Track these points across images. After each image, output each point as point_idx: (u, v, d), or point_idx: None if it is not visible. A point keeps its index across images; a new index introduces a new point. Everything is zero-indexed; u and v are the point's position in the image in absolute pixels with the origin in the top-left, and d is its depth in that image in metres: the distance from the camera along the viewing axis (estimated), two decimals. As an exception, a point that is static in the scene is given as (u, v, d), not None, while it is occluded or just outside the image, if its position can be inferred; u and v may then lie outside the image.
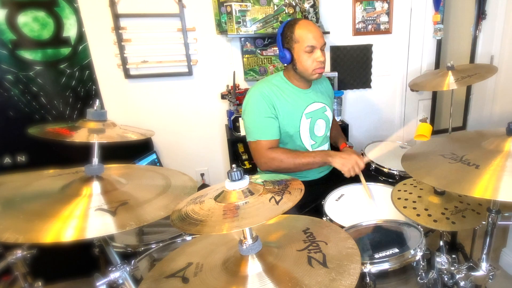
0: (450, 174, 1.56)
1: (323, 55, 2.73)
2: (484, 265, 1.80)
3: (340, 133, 3.53)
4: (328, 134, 3.16)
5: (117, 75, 3.98)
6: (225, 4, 3.91)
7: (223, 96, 4.21)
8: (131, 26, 3.87)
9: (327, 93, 3.17)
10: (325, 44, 2.76)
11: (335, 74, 4.65)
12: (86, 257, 2.48)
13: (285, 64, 2.86)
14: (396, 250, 1.86)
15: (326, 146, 3.13)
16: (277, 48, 3.18)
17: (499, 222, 1.73)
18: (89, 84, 3.86)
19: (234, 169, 1.39)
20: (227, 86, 4.31)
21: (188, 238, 2.25)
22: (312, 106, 2.93)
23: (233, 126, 4.10)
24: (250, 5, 3.99)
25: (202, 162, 4.62)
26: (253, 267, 1.38)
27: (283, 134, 2.84)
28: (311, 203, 2.63)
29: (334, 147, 3.29)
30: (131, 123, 2.31)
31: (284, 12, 4.16)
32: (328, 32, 4.43)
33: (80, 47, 3.73)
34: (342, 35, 4.70)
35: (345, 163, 2.69)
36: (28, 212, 1.40)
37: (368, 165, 3.06)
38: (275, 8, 4.15)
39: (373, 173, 3.06)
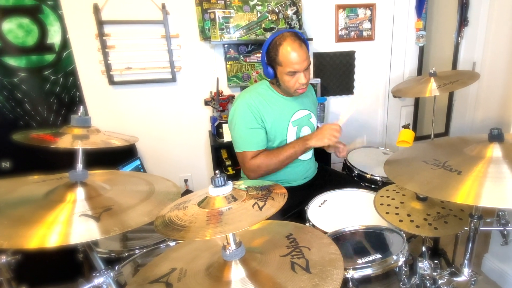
0: (432, 180, 1.58)
1: (305, 77, 2.73)
2: (466, 271, 1.83)
3: None
4: None
5: (101, 81, 3.98)
6: (208, 11, 3.92)
7: (206, 103, 4.22)
8: (115, 33, 3.88)
9: (311, 100, 3.19)
10: (309, 64, 2.75)
11: (318, 80, 4.66)
12: (70, 262, 2.47)
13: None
14: (379, 255, 1.88)
15: (310, 153, 3.15)
16: (260, 55, 3.18)
17: (481, 228, 1.76)
18: (73, 90, 3.85)
19: (218, 175, 1.39)
20: (211, 92, 4.32)
21: (172, 243, 2.25)
22: (298, 114, 2.95)
23: (216, 132, 4.09)
24: (233, 12, 4.00)
25: (185, 168, 4.62)
26: (237, 272, 1.39)
27: (270, 143, 2.87)
28: (294, 208, 2.64)
29: (319, 151, 3.30)
30: (115, 129, 2.32)
31: (267, 19, 4.17)
32: (311, 39, 4.44)
33: (64, 54, 3.73)
34: (325, 41, 4.72)
35: (322, 136, 2.74)
36: (13, 218, 1.40)
37: (351, 170, 3.09)
38: (259, 15, 4.16)
39: (355, 179, 3.08)
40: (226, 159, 4.13)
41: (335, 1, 4.57)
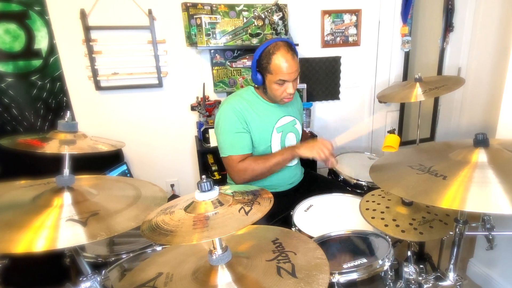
0: (418, 185, 1.58)
1: (293, 87, 2.75)
2: (451, 275, 1.84)
3: None
4: None
5: (88, 86, 3.98)
6: (195, 16, 3.93)
7: (193, 108, 4.22)
8: (102, 38, 3.88)
9: (296, 106, 3.19)
10: (298, 74, 2.77)
11: (304, 86, 4.69)
12: (57, 267, 2.46)
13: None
14: (364, 260, 1.87)
15: (296, 159, 3.15)
16: (246, 60, 3.17)
17: (466, 233, 1.76)
18: (60, 95, 3.85)
19: (204, 180, 1.39)
20: (197, 97, 4.33)
21: (158, 248, 2.24)
22: (282, 120, 2.95)
23: (203, 137, 4.09)
24: (219, 17, 4.02)
25: (172, 173, 4.63)
26: (223, 277, 1.39)
27: (255, 149, 2.87)
28: (280, 213, 2.64)
29: (303, 159, 3.31)
30: (102, 134, 2.32)
31: (253, 25, 4.19)
32: (297, 44, 4.36)
33: (51, 59, 3.72)
34: (311, 47, 4.75)
35: (311, 149, 2.74)
36: (0, 222, 1.40)
37: (336, 175, 3.10)
38: (245, 20, 4.18)
39: (341, 184, 3.08)
40: (212, 164, 4.14)
41: (321, 6, 4.61)
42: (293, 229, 2.33)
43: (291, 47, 2.70)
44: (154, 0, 3.96)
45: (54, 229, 1.38)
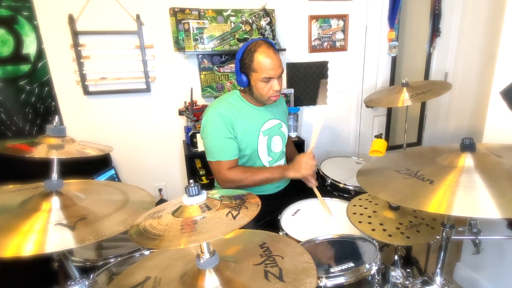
0: (404, 189, 1.58)
1: (279, 84, 2.76)
2: (438, 279, 1.85)
3: (294, 150, 3.58)
4: (284, 150, 3.22)
5: (76, 91, 3.98)
6: (182, 21, 3.94)
7: (180, 113, 4.23)
8: (90, 43, 3.89)
9: (282, 109, 3.20)
10: (282, 71, 2.78)
11: (291, 90, 4.71)
12: (46, 271, 2.45)
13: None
14: (352, 264, 1.87)
15: (282, 161, 3.17)
16: (234, 65, 3.18)
17: (453, 237, 1.77)
18: (49, 100, 3.85)
19: (192, 184, 1.39)
20: (185, 102, 4.34)
21: (146, 252, 2.23)
22: (268, 123, 2.96)
23: (190, 142, 4.10)
24: (207, 22, 4.03)
25: (160, 177, 4.64)
26: (210, 281, 1.39)
27: (242, 152, 2.88)
28: (268, 217, 2.64)
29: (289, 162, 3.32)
30: (90, 139, 2.33)
31: (241, 30, 4.20)
32: (284, 49, 4.49)
33: (40, 64, 3.73)
34: (298, 52, 4.77)
35: (299, 168, 2.77)
36: (-12, 227, 1.40)
37: (324, 180, 3.10)
38: (232, 25, 4.20)
39: (328, 189, 3.07)
40: (200, 169, 4.14)
41: (308, 11, 4.63)
42: (281, 233, 2.32)
43: (272, 44, 2.74)
44: (142, 5, 3.97)
45: (43, 233, 1.38)
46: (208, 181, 4.05)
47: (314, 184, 2.86)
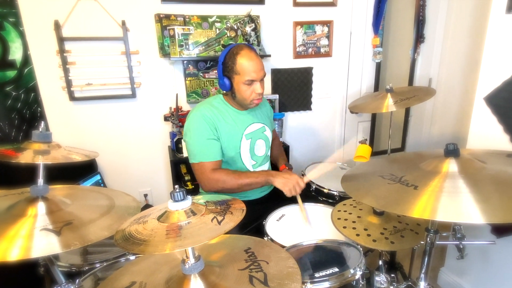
0: (389, 194, 1.59)
1: (261, 87, 2.77)
2: (422, 284, 1.85)
3: (282, 153, 3.56)
4: (269, 153, 3.24)
5: (62, 97, 3.98)
6: (168, 27, 3.95)
7: (166, 118, 4.24)
8: (76, 49, 3.89)
9: (266, 113, 3.22)
10: (265, 75, 2.79)
11: (276, 96, 4.72)
12: (31, 276, 2.45)
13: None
14: (336, 269, 1.86)
15: (266, 166, 3.18)
16: (218, 63, 3.19)
17: (437, 242, 1.78)
18: (35, 106, 3.84)
19: (177, 190, 1.41)
20: (170, 108, 4.35)
21: (132, 257, 2.23)
22: (251, 127, 2.97)
23: (175, 148, 4.12)
24: (192, 28, 4.03)
25: (145, 183, 4.64)
26: (196, 286, 1.40)
27: (225, 155, 2.88)
28: (253, 222, 2.64)
29: (275, 167, 3.34)
30: (75, 144, 2.34)
31: (226, 36, 4.22)
32: (269, 55, 4.49)
33: (26, 70, 3.72)
34: (283, 58, 4.79)
35: (287, 183, 2.73)
36: (-26, 232, 1.40)
37: (308, 185, 3.08)
38: (217, 31, 4.21)
39: (313, 194, 3.07)
40: (185, 174, 4.14)
41: (293, 18, 4.65)
42: (266, 238, 2.32)
43: (253, 48, 2.76)
44: (128, 12, 3.98)
45: (28, 238, 1.39)
46: (193, 186, 4.05)
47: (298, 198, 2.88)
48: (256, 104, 2.85)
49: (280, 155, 3.49)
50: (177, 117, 4.10)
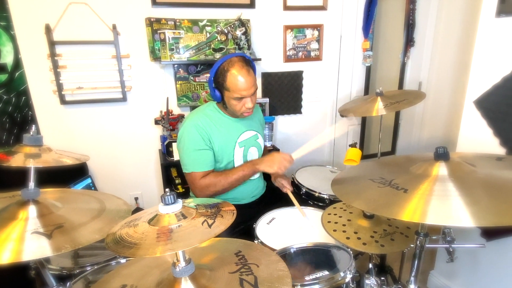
0: (379, 198, 1.59)
1: (252, 101, 2.78)
2: (412, 287, 1.85)
3: None
4: None
5: (53, 101, 3.97)
6: (158, 31, 3.95)
7: (156, 122, 4.23)
8: (67, 53, 3.87)
9: (258, 120, 3.22)
10: (256, 89, 2.79)
11: (266, 100, 4.71)
12: (22, 279, 2.44)
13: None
14: (326, 272, 1.88)
15: (258, 173, 3.16)
16: (209, 75, 3.19)
17: (427, 245, 1.78)
18: (26, 110, 3.84)
19: (168, 193, 1.42)
20: (161, 111, 4.33)
21: (123, 260, 2.23)
22: (244, 135, 2.98)
23: (166, 151, 4.11)
24: (183, 32, 4.04)
25: (136, 186, 4.63)
26: (186, 289, 1.39)
27: (218, 164, 2.89)
28: (243, 225, 2.66)
29: (266, 174, 3.30)
30: (66, 148, 2.34)
31: (216, 40, 4.21)
32: (259, 59, 4.51)
33: (17, 74, 3.72)
34: (273, 61, 4.79)
35: (272, 164, 2.79)
36: (-35, 235, 1.41)
37: (299, 189, 3.11)
38: (208, 35, 4.20)
39: (303, 197, 3.08)
40: (176, 177, 4.15)
41: (283, 21, 4.66)
42: (256, 241, 2.34)
43: (246, 61, 2.74)
44: (119, 15, 3.98)
45: (20, 241, 1.41)
46: (184, 190, 4.04)
47: (289, 189, 2.90)
48: (246, 116, 2.86)
49: None
50: (168, 121, 4.10)
